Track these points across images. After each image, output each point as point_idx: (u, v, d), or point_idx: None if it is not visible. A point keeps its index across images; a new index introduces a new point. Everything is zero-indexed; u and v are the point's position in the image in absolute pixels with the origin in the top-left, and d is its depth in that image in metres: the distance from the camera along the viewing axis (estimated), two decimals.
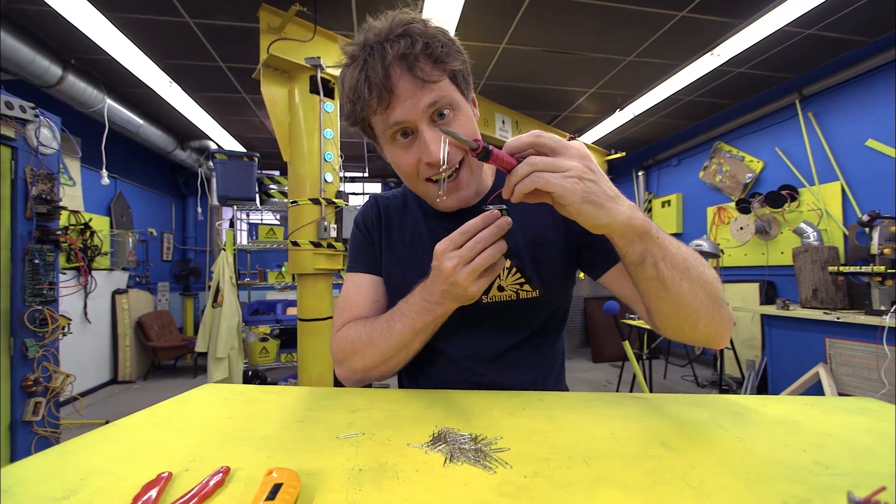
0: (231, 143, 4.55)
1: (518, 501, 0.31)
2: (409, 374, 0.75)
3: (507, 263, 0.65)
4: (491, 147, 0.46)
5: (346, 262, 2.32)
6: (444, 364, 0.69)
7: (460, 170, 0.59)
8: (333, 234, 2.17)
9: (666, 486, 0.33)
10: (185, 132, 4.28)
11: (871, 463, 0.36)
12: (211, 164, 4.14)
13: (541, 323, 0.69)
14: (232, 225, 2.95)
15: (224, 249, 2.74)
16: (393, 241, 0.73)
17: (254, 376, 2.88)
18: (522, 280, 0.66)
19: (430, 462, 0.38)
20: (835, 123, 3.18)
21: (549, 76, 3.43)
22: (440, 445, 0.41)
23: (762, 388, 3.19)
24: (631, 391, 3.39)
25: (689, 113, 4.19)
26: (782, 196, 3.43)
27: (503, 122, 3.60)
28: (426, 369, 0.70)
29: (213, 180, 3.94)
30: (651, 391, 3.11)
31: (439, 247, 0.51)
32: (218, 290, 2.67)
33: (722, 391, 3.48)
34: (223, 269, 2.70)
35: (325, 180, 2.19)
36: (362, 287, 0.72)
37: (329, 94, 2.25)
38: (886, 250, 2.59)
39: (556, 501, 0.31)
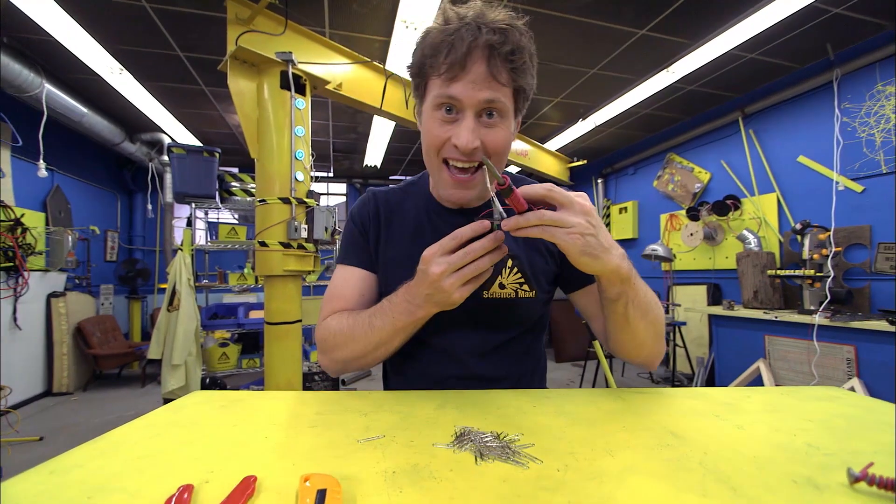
0: (186, 137, 4.29)
1: (557, 494, 0.32)
2: (394, 366, 0.75)
3: (510, 263, 0.68)
4: (513, 187, 0.48)
5: (316, 264, 2.27)
6: (436, 357, 0.69)
7: (477, 171, 0.62)
8: (304, 234, 2.11)
9: (688, 472, 0.35)
10: (135, 123, 3.99)
11: (852, 442, 0.41)
12: (165, 158, 3.88)
13: (533, 321, 0.73)
14: (189, 223, 2.78)
15: (181, 249, 2.58)
16: (394, 236, 0.73)
17: (212, 384, 2.73)
18: (522, 280, 0.69)
19: (461, 461, 0.38)
20: (772, 140, 3.50)
21: None
22: (466, 444, 0.41)
23: (710, 382, 3.44)
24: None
25: (645, 125, 4.44)
26: (727, 205, 3.71)
27: None
28: (415, 362, 0.71)
29: (167, 176, 3.70)
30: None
31: (427, 252, 0.53)
32: (174, 292, 2.51)
33: (674, 386, 3.70)
34: (180, 270, 2.54)
35: (296, 179, 2.13)
36: (350, 280, 0.73)
37: (300, 90, 2.19)
38: (815, 256, 2.88)
39: (592, 492, 0.33)
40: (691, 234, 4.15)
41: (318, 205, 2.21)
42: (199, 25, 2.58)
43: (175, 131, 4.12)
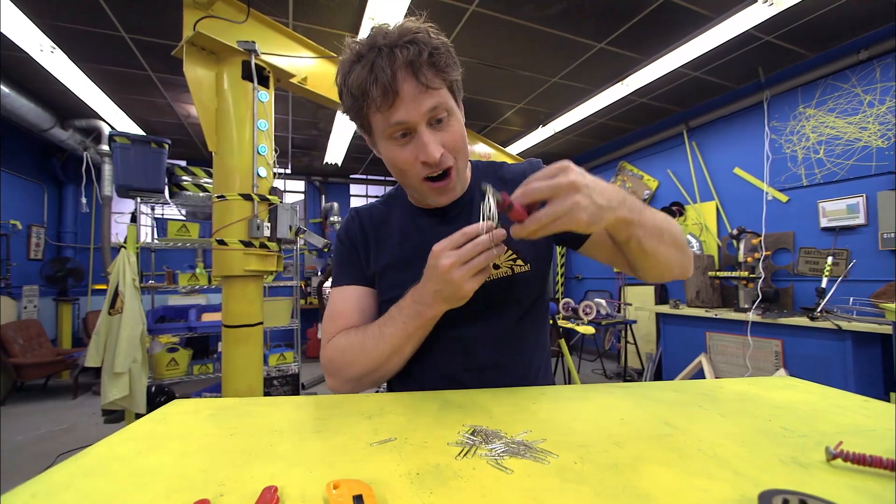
0: (129, 126, 3.96)
1: (583, 485, 0.34)
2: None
3: (507, 250, 0.69)
4: (513, 203, 0.51)
5: (279, 264, 2.18)
6: (444, 349, 0.68)
7: (450, 171, 0.63)
8: (267, 233, 2.02)
9: (691, 458, 0.38)
10: (67, 108, 3.62)
11: (817, 425, 0.46)
12: (103, 147, 3.55)
13: (532, 298, 0.72)
14: (134, 219, 2.57)
15: (124, 247, 2.38)
16: (383, 246, 0.74)
17: (159, 392, 2.54)
18: (515, 256, 0.69)
19: (481, 459, 0.39)
20: (712, 152, 3.82)
21: (482, 88, 3.58)
22: (481, 443, 0.42)
23: (658, 376, 3.68)
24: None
25: (600, 134, 4.68)
26: (672, 211, 4.00)
27: None
28: (422, 358, 0.68)
29: (106, 167, 3.40)
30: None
31: (437, 247, 0.55)
32: (116, 294, 2.31)
33: (625, 381, 3.93)
34: (123, 269, 2.34)
35: (258, 175, 2.03)
36: (349, 299, 0.73)
37: (264, 82, 2.09)
38: (749, 259, 3.17)
39: (613, 481, 0.35)
40: None
41: (281, 202, 2.13)
42: (148, 6, 2.39)
43: (115, 119, 3.79)
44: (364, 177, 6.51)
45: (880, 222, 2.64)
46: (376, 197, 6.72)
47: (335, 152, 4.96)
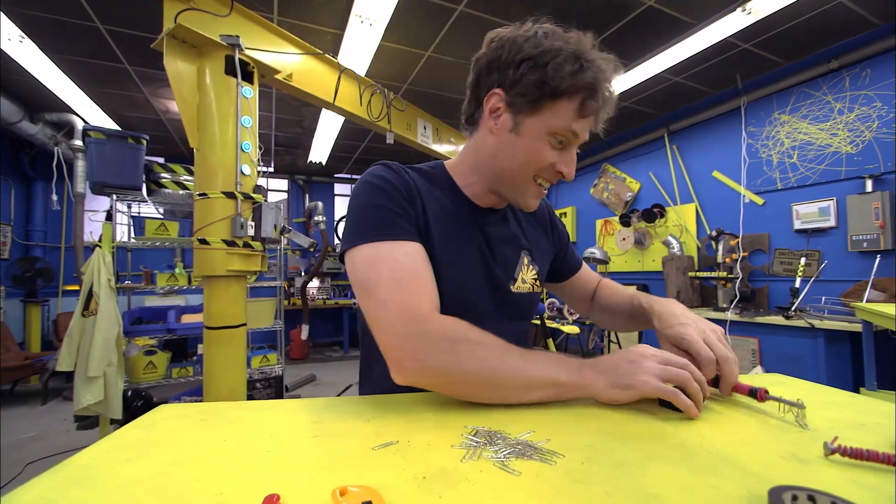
0: (103, 121, 3.81)
1: (592, 486, 0.34)
2: None
3: (526, 259, 0.77)
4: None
5: (264, 263, 2.13)
6: None
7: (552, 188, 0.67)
8: (251, 232, 1.97)
9: (697, 456, 0.39)
10: (37, 101, 3.47)
11: (811, 420, 0.47)
12: (76, 142, 3.41)
13: (532, 315, 0.81)
14: (110, 217, 2.48)
15: (99, 246, 2.29)
16: (438, 227, 0.67)
17: (136, 396, 2.45)
18: (536, 276, 0.77)
19: (487, 462, 0.38)
20: (692, 156, 3.91)
21: None
22: (486, 444, 0.42)
23: None
24: None
25: None
26: (654, 213, 4.09)
27: (424, 128, 3.65)
28: None
29: (79, 163, 3.27)
30: None
31: (651, 351, 0.54)
32: (90, 295, 2.22)
33: None
34: (98, 269, 2.25)
35: (242, 172, 1.98)
36: (419, 258, 0.60)
37: (248, 77, 2.05)
38: (727, 259, 3.27)
39: (621, 480, 0.35)
40: (623, 239, 4.51)
41: (266, 201, 2.08)
42: None
43: (89, 113, 3.65)
44: (349, 176, 6.44)
45: (849, 225, 2.75)
46: None
47: (319, 151, 4.89)
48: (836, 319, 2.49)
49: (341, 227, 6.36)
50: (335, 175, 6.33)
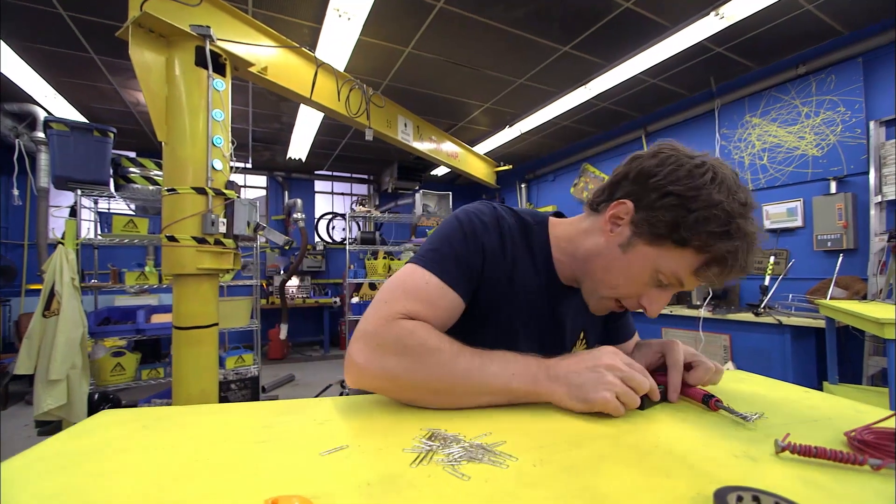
0: (70, 113, 3.65)
1: (540, 489, 0.33)
2: None
3: (582, 335, 0.77)
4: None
5: (236, 262, 2.07)
6: None
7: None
8: (223, 229, 1.91)
9: (650, 455, 0.38)
10: None
11: (767, 417, 0.48)
12: (39, 134, 3.25)
13: None
14: (74, 213, 2.37)
15: (62, 243, 2.19)
16: (514, 287, 0.67)
17: (103, 400, 2.36)
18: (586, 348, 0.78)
19: (438, 466, 0.37)
20: None
21: (449, 86, 3.57)
22: (439, 448, 0.40)
23: None
24: None
25: (564, 136, 4.79)
26: None
27: (405, 125, 3.62)
28: None
29: (43, 156, 3.12)
30: None
31: (616, 361, 0.51)
32: (52, 294, 2.12)
33: None
34: (60, 267, 2.15)
35: (213, 167, 1.92)
36: (446, 299, 0.60)
37: (219, 70, 1.98)
38: None
39: (571, 484, 0.34)
40: None
41: (239, 197, 2.02)
42: None
43: (54, 105, 3.49)
44: (329, 173, 6.35)
45: (815, 225, 2.85)
46: (342, 194, 6.58)
47: (299, 147, 4.80)
48: (802, 316, 2.58)
49: (322, 225, 6.31)
50: (315, 172, 6.23)
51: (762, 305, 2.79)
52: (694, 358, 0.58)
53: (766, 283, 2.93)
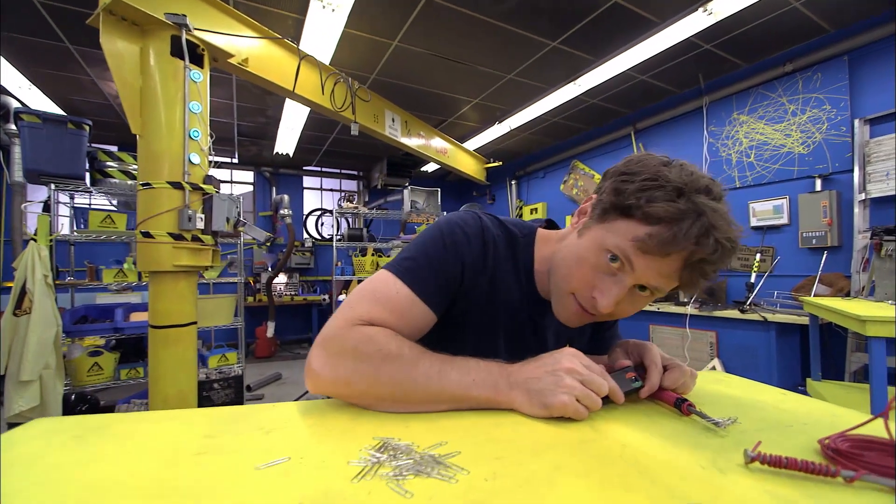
0: (47, 105, 3.54)
1: None
2: None
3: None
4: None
5: (216, 259, 2.02)
6: None
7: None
8: (200, 225, 1.86)
9: (611, 466, 0.36)
10: None
11: (739, 422, 0.45)
12: (13, 127, 3.15)
13: None
14: (47, 209, 2.30)
15: (35, 240, 2.12)
16: (493, 301, 0.65)
17: (80, 400, 2.29)
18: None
19: (382, 481, 0.34)
20: (657, 153, 3.98)
21: (438, 81, 3.53)
22: (387, 460, 0.37)
23: None
24: None
25: (554, 132, 4.77)
26: None
27: (393, 121, 3.58)
28: None
29: (17, 149, 3.03)
30: None
31: (575, 364, 0.49)
32: (23, 292, 2.05)
33: None
34: (32, 264, 2.08)
35: (191, 161, 1.87)
36: (416, 310, 0.58)
37: (197, 60, 1.92)
38: None
39: (522, 499, 0.31)
40: None
41: (217, 192, 1.97)
42: None
43: (29, 97, 3.38)
44: (318, 169, 6.27)
45: (801, 222, 2.86)
46: (331, 191, 6.50)
47: (286, 142, 4.72)
48: (787, 313, 2.60)
49: (311, 222, 6.23)
50: (304, 167, 6.15)
51: (748, 302, 2.80)
52: (669, 361, 0.56)
53: (753, 280, 2.94)
